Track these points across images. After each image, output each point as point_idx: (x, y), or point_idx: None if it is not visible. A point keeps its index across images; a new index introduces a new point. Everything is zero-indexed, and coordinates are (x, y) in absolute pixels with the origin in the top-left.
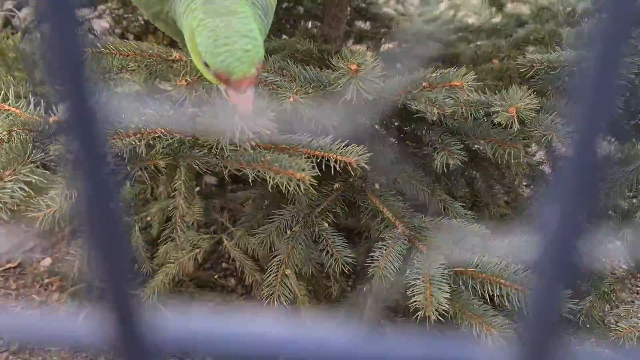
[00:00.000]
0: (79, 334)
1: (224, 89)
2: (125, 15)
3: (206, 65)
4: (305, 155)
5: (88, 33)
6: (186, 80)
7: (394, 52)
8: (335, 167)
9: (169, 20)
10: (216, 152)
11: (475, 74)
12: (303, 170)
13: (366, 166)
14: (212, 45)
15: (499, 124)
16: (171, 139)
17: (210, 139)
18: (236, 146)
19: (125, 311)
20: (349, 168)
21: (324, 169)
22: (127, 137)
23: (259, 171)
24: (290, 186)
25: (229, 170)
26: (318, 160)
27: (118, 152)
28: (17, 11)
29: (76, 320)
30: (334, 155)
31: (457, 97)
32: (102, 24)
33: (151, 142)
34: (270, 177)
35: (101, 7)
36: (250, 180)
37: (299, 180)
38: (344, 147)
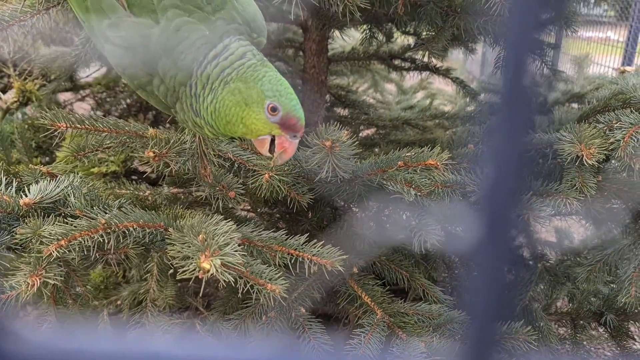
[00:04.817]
0: None
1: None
2: (108, 99)
3: (273, 110)
4: (280, 253)
5: None
6: (154, 152)
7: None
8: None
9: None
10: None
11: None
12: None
13: (340, 268)
14: (285, 92)
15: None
16: (142, 233)
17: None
18: None
19: None
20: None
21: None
22: (95, 233)
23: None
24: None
25: None
26: (292, 260)
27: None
28: (1, 94)
29: None
30: (308, 256)
31: (433, 177)
32: (84, 107)
33: (121, 236)
34: (240, 285)
35: (84, 90)
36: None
37: (269, 291)
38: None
